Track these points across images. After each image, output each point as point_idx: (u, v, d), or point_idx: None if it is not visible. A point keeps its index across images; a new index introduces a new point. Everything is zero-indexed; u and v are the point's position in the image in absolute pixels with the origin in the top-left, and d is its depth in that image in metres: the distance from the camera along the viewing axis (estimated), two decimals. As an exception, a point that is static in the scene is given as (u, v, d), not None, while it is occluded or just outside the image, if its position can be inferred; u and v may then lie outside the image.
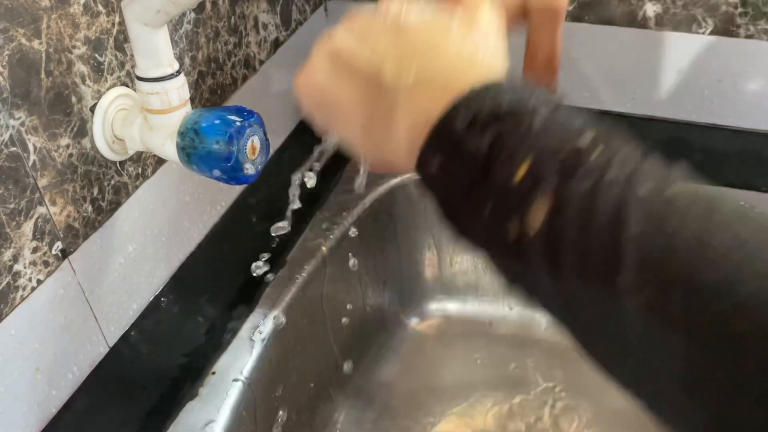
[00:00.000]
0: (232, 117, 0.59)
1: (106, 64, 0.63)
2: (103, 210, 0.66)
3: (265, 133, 0.61)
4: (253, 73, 0.86)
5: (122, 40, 0.65)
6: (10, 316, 0.58)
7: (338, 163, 0.91)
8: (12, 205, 0.57)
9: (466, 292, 0.95)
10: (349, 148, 0.39)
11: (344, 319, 0.84)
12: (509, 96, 0.31)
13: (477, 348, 0.91)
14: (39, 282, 0.60)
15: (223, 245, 0.81)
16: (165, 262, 0.76)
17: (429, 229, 0.92)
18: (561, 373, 0.87)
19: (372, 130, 0.37)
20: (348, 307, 0.85)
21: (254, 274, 0.75)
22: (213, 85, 0.79)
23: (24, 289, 0.59)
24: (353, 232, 0.83)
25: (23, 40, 0.55)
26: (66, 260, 0.63)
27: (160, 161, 0.72)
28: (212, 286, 0.76)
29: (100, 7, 0.62)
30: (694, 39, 0.88)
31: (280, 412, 0.73)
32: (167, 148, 0.61)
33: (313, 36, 0.99)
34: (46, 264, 0.61)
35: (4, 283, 0.57)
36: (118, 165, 0.67)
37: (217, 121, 0.59)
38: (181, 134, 0.59)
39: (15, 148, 0.56)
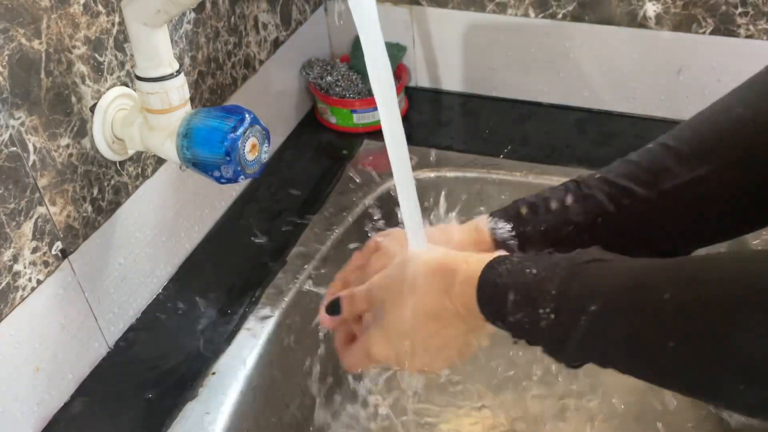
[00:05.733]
0: (232, 117, 0.59)
1: (106, 64, 0.63)
2: (103, 210, 0.66)
3: (264, 133, 0.61)
4: (253, 72, 0.86)
5: (122, 40, 0.65)
6: (10, 316, 0.58)
7: (338, 163, 0.91)
8: (12, 205, 0.57)
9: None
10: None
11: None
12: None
13: (483, 348, 0.91)
14: (39, 282, 0.60)
15: (223, 245, 0.81)
16: (165, 262, 0.76)
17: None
18: (568, 372, 0.87)
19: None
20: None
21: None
22: (213, 85, 0.79)
23: (24, 289, 0.59)
24: (353, 232, 0.83)
25: (23, 40, 0.55)
26: (66, 260, 0.63)
27: (159, 161, 0.72)
28: (212, 286, 0.76)
29: (100, 7, 0.62)
30: (695, 39, 0.88)
31: (280, 412, 0.73)
32: (167, 148, 0.60)
33: (312, 35, 0.99)
34: (46, 264, 0.61)
35: (4, 283, 0.57)
36: (117, 165, 0.67)
37: (216, 121, 0.58)
38: (181, 134, 0.59)
39: (15, 148, 0.56)
